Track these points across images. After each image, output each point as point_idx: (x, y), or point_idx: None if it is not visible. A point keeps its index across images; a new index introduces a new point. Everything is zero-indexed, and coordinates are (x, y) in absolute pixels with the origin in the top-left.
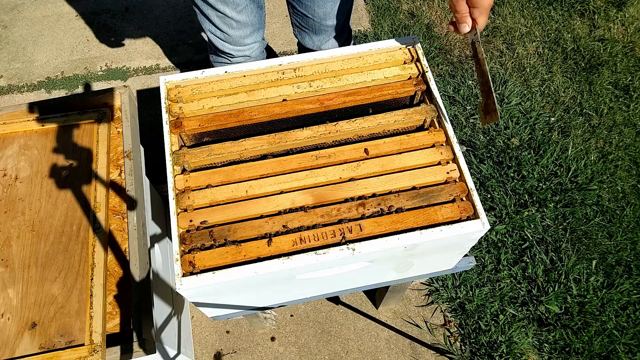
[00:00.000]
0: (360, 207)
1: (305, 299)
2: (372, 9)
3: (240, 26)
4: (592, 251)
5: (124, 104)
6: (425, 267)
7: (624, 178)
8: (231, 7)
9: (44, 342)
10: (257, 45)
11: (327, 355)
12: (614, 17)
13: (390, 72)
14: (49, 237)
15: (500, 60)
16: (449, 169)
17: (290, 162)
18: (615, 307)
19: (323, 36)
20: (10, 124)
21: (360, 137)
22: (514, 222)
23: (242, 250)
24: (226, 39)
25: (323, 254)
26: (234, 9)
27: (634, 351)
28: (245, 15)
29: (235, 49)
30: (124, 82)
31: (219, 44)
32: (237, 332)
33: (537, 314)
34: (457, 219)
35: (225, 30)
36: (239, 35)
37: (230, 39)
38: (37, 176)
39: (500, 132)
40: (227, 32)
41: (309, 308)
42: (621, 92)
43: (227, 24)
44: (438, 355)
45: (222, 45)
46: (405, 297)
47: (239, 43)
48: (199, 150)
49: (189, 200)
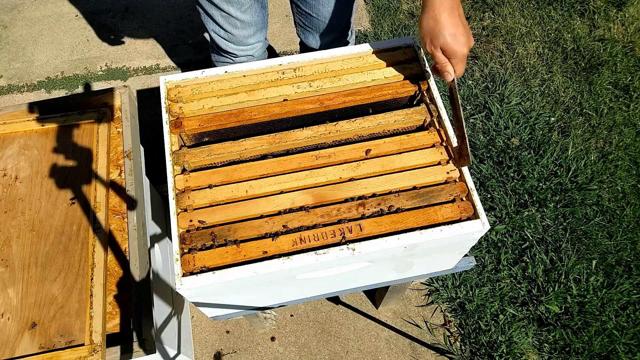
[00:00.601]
0: (360, 207)
1: (305, 299)
2: (372, 9)
3: (245, 26)
4: (592, 251)
5: (124, 104)
6: (425, 267)
7: (624, 178)
8: (236, 6)
9: (44, 342)
10: (260, 45)
11: (327, 355)
12: (614, 17)
13: (390, 72)
14: (49, 237)
15: (500, 60)
16: (449, 169)
17: (290, 162)
18: (615, 307)
19: (327, 36)
20: (10, 124)
21: (360, 137)
22: (514, 222)
23: (242, 250)
24: (230, 38)
25: (323, 254)
26: (239, 9)
27: (634, 351)
28: (249, 15)
29: (239, 49)
30: (124, 82)
31: (223, 43)
32: (237, 332)
33: (537, 314)
34: (457, 219)
35: (230, 30)
36: (243, 35)
37: (234, 38)
38: (37, 176)
39: (500, 132)
40: (231, 32)
41: (309, 308)
42: (621, 92)
43: (231, 23)
44: (438, 355)
45: (226, 45)
46: (405, 297)
47: (243, 43)
48: (199, 150)
49: (189, 200)
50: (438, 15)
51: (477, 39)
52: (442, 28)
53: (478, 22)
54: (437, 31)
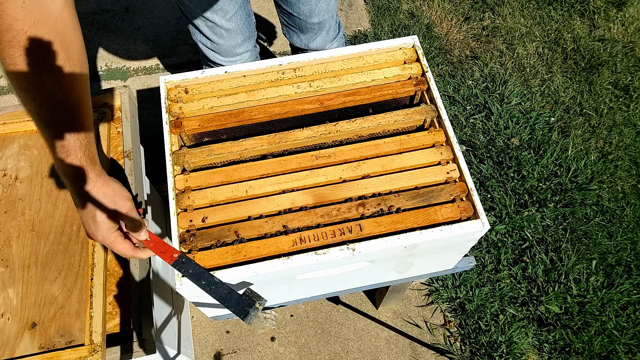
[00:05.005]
0: (360, 207)
1: (305, 299)
2: (372, 9)
3: (230, 35)
4: (592, 251)
5: (124, 104)
6: (425, 267)
7: (624, 178)
8: (220, 14)
9: (44, 342)
10: (248, 55)
11: (327, 355)
12: (614, 17)
13: (390, 72)
14: (49, 237)
15: (500, 60)
16: (449, 169)
17: (290, 162)
18: (615, 307)
19: (310, 34)
20: (10, 124)
21: (360, 137)
22: (514, 222)
23: (242, 250)
24: (217, 49)
25: (323, 254)
26: (223, 17)
27: (634, 351)
28: (234, 23)
29: (226, 60)
30: (124, 82)
31: (210, 54)
32: (237, 332)
33: (537, 314)
34: (457, 219)
35: (216, 40)
36: (230, 44)
37: (221, 49)
38: (37, 176)
39: (500, 132)
40: (217, 42)
41: (309, 308)
42: (621, 92)
43: (217, 33)
44: (438, 355)
45: (214, 56)
46: (405, 297)
47: (230, 53)
48: (199, 150)
49: (189, 200)
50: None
51: (477, 39)
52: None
53: (478, 22)
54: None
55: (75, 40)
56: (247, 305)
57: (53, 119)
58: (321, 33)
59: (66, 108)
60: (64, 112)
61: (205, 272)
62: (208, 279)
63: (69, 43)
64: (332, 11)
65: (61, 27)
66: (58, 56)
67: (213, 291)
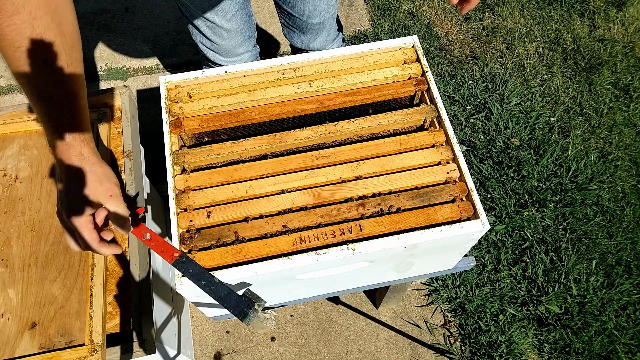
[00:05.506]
0: (360, 207)
1: (305, 299)
2: (372, 9)
3: (231, 35)
4: (592, 251)
5: (124, 104)
6: (425, 267)
7: (624, 178)
8: (220, 15)
9: (44, 342)
10: (248, 55)
11: (327, 355)
12: (614, 17)
13: (390, 72)
14: (49, 237)
15: (500, 60)
16: (449, 169)
17: (290, 162)
18: (615, 307)
19: (310, 35)
20: (10, 124)
21: (360, 137)
22: (514, 222)
23: (242, 250)
24: (217, 49)
25: (323, 254)
26: (224, 17)
27: (634, 351)
28: (234, 23)
29: (226, 60)
30: (124, 82)
31: (211, 55)
32: (237, 332)
33: (537, 314)
34: (457, 219)
35: (216, 41)
36: (230, 45)
37: (221, 49)
38: (37, 176)
39: (500, 132)
40: (217, 43)
41: (309, 308)
42: (621, 92)
43: (217, 34)
44: (438, 355)
45: (214, 56)
46: (405, 297)
47: (231, 54)
48: (199, 150)
49: (189, 200)
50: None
51: (477, 39)
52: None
53: (478, 22)
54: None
55: (68, 15)
56: (246, 306)
57: (48, 90)
58: (322, 33)
59: (58, 79)
60: (58, 84)
61: (206, 272)
62: (208, 279)
63: (62, 17)
64: (333, 12)
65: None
66: (50, 29)
67: (213, 291)
